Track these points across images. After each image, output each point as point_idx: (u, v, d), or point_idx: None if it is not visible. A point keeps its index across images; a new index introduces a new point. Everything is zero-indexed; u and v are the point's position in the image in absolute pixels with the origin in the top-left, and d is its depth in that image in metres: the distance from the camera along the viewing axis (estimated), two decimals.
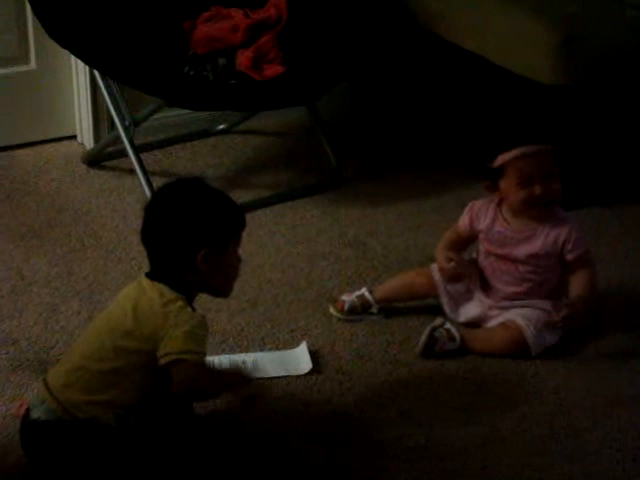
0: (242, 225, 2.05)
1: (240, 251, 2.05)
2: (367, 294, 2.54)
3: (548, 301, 2.43)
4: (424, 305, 2.56)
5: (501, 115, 3.00)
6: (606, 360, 2.43)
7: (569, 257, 2.40)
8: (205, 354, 1.97)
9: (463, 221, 2.49)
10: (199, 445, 2.00)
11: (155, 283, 1.98)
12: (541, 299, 2.43)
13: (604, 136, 3.02)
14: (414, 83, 3.39)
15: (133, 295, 1.99)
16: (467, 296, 2.51)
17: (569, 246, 2.39)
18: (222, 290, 2.06)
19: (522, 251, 2.42)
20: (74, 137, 3.32)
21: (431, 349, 2.39)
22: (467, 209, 2.50)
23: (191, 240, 1.96)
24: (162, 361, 1.92)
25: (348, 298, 2.53)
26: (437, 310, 2.52)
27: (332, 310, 2.54)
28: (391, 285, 2.57)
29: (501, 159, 2.37)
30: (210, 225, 1.98)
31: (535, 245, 2.41)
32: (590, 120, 2.97)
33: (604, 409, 2.27)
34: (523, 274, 2.43)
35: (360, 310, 2.52)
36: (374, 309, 2.53)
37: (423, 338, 2.39)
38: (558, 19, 2.85)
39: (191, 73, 2.96)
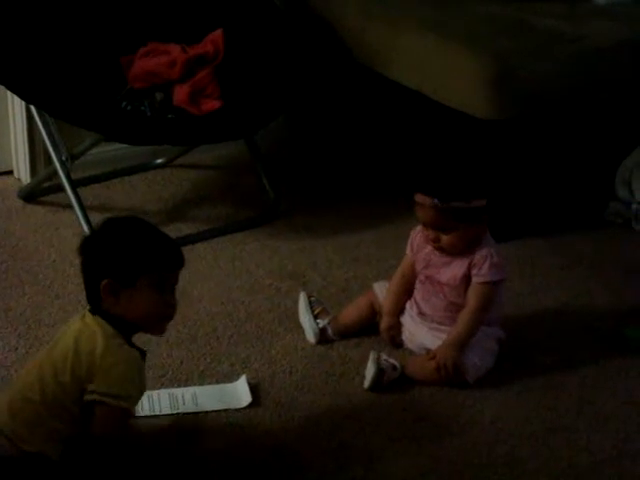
0: (161, 262, 2.00)
1: (177, 293, 2.05)
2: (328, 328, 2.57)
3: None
4: (361, 336, 2.58)
5: (437, 148, 3.04)
6: (542, 388, 2.46)
7: (473, 280, 2.44)
8: (138, 398, 1.98)
9: (408, 249, 2.55)
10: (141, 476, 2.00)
11: (96, 317, 1.99)
12: None
13: (539, 168, 3.07)
14: (352, 117, 3.42)
15: (76, 329, 2.00)
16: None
17: (475, 270, 2.43)
18: (148, 327, 2.05)
19: (444, 274, 2.46)
20: (10, 172, 3.30)
21: (379, 382, 2.40)
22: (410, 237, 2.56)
23: (93, 269, 1.99)
24: (87, 397, 1.93)
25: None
26: (374, 342, 2.54)
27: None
28: (343, 319, 2.59)
29: None
30: (111, 255, 1.98)
31: (455, 269, 2.45)
32: (525, 153, 3.02)
33: (542, 437, 2.30)
34: (449, 298, 2.47)
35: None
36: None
37: (372, 373, 2.39)
38: (492, 54, 2.90)
39: (128, 108, 2.96)
